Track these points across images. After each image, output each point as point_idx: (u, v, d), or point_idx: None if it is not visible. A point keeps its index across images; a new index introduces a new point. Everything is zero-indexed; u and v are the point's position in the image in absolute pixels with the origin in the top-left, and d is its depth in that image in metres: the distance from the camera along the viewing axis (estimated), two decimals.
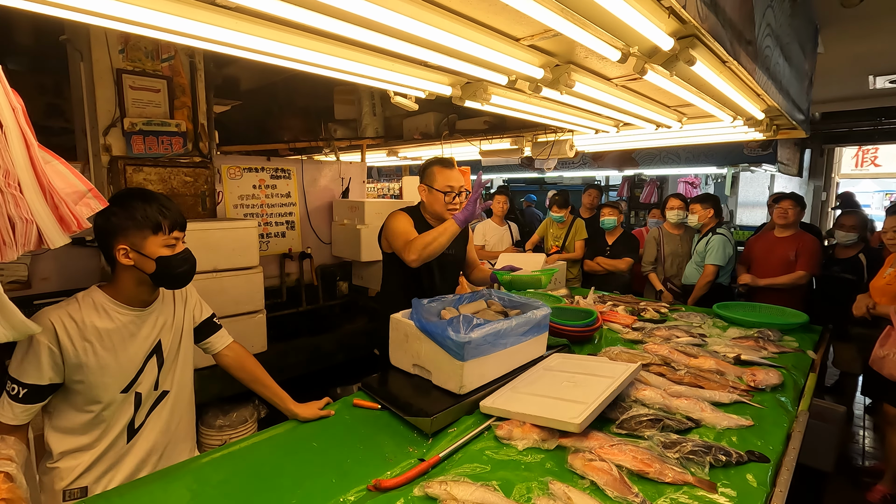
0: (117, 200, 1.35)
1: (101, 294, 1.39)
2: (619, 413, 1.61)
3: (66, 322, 1.31)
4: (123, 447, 1.46)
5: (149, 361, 1.45)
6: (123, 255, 1.33)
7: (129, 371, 1.41)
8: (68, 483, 1.40)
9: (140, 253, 1.33)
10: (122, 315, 1.40)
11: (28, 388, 1.28)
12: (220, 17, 1.26)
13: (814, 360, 2.28)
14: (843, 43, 3.61)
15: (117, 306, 1.39)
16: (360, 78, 1.76)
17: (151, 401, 1.50)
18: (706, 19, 1.32)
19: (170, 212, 1.37)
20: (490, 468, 1.34)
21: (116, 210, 1.32)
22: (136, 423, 1.47)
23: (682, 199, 4.04)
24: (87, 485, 1.42)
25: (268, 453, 1.45)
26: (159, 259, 1.35)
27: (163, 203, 1.37)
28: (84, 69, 2.47)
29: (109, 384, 1.38)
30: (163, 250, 1.35)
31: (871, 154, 8.76)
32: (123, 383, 1.41)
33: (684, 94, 2.07)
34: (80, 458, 1.40)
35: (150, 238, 1.34)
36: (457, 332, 1.63)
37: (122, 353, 1.39)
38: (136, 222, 1.32)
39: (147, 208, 1.33)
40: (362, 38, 1.36)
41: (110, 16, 1.17)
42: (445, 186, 2.19)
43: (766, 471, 1.35)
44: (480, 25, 1.36)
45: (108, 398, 1.39)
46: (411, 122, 4.43)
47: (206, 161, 2.81)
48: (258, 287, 2.68)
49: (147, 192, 1.39)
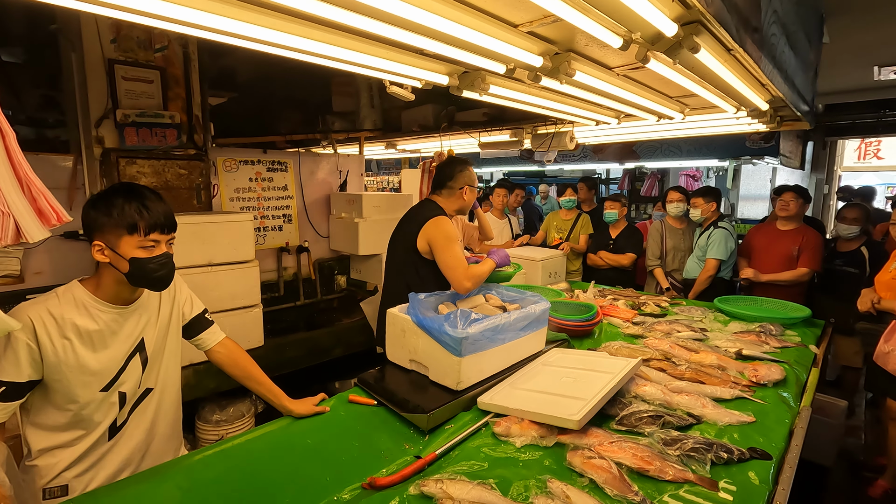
0: (103, 193, 1.31)
1: (81, 290, 1.34)
2: (619, 409, 1.58)
3: (46, 319, 1.27)
4: (105, 445, 1.42)
5: (131, 360, 1.41)
6: (98, 251, 1.29)
7: (109, 369, 1.36)
8: (48, 481, 1.36)
9: (114, 251, 1.28)
10: (102, 313, 1.35)
11: (6, 385, 1.23)
12: (211, 3, 1.23)
13: (816, 355, 2.25)
14: (849, 33, 3.56)
15: (98, 303, 1.34)
16: (355, 67, 1.72)
17: (134, 399, 1.45)
18: (711, 4, 1.27)
19: (150, 213, 1.30)
20: (487, 466, 1.32)
21: (98, 203, 1.28)
22: (118, 421, 1.43)
23: (682, 192, 3.99)
24: (68, 483, 1.38)
25: (261, 451, 1.43)
26: (132, 260, 1.28)
27: (146, 202, 1.30)
28: (75, 60, 2.42)
29: (89, 382, 1.33)
30: (137, 252, 1.29)
31: (874, 147, 8.70)
32: (103, 382, 1.36)
33: (687, 83, 2.02)
34: (59, 455, 1.36)
35: (124, 238, 1.28)
36: (454, 328, 1.60)
37: (102, 351, 1.35)
38: (111, 220, 1.26)
39: (126, 206, 1.27)
40: (356, 23, 1.31)
41: (101, 2, 1.13)
42: (477, 185, 2.49)
43: (768, 468, 1.32)
44: (477, 10, 1.32)
45: (87, 397, 1.34)
46: (410, 114, 4.37)
47: (200, 153, 2.77)
48: (254, 281, 2.65)
49: (133, 189, 1.32)
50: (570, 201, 4.59)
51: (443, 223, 2.25)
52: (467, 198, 2.43)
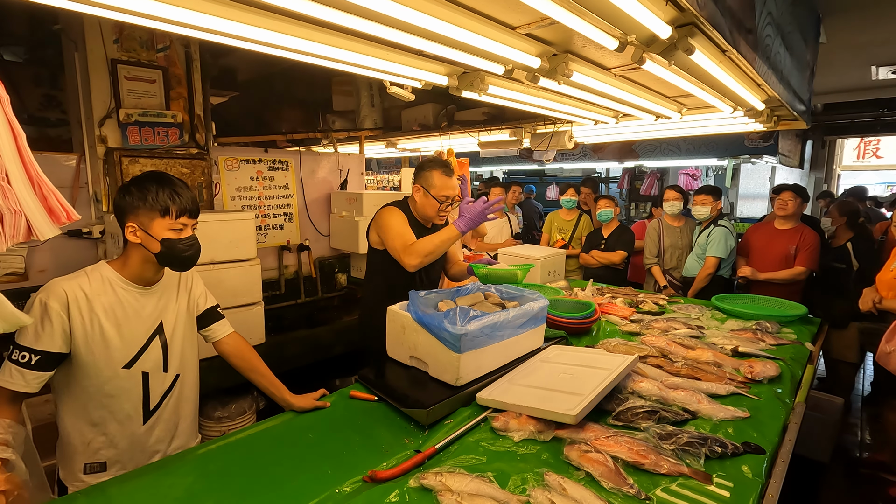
0: (136, 180, 1.43)
1: (108, 269, 1.45)
2: (615, 405, 1.61)
3: (77, 293, 1.37)
4: (141, 428, 1.52)
5: (152, 341, 1.50)
6: (131, 232, 1.40)
7: (132, 346, 1.46)
8: (87, 458, 1.47)
9: (147, 233, 1.40)
10: (126, 291, 1.45)
11: (41, 354, 1.32)
12: (212, 5, 1.25)
13: (811, 352, 2.28)
14: (846, 33, 3.57)
15: (123, 282, 1.45)
16: (354, 68, 1.74)
17: (166, 385, 1.55)
18: (704, 6, 1.29)
19: (181, 198, 1.43)
20: (486, 459, 1.34)
21: (132, 189, 1.40)
22: (150, 404, 1.52)
23: (679, 191, 4.01)
24: (106, 460, 1.49)
25: (264, 444, 1.45)
26: (164, 241, 1.41)
27: (176, 189, 1.43)
28: (78, 59, 2.45)
29: (112, 357, 1.43)
30: (168, 233, 1.41)
31: (873, 146, 8.72)
32: (126, 358, 1.45)
33: (683, 83, 2.05)
34: (90, 434, 1.46)
35: (157, 220, 1.40)
36: (453, 325, 1.62)
37: (125, 327, 1.44)
38: (146, 203, 1.39)
39: (160, 191, 1.39)
40: (356, 26, 1.34)
41: (104, 4, 1.16)
42: (442, 196, 2.17)
43: (761, 462, 1.35)
44: (475, 13, 1.34)
45: (110, 372, 1.43)
46: (410, 113, 4.40)
47: (202, 152, 2.79)
48: (256, 279, 2.68)
49: (164, 177, 1.44)
50: (571, 201, 4.61)
51: (385, 212, 2.18)
52: (417, 198, 2.22)
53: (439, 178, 2.16)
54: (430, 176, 2.17)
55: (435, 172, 2.17)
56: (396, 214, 2.17)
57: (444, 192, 2.17)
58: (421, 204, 2.22)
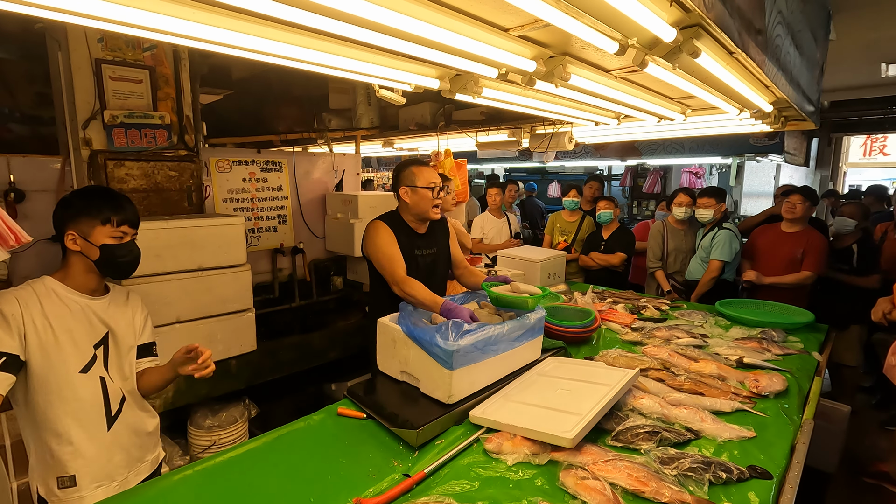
0: (78, 193, 1.49)
1: (52, 280, 1.48)
2: (615, 423, 1.54)
3: (28, 300, 1.40)
4: (105, 435, 1.52)
5: (102, 346, 1.52)
6: (71, 240, 1.44)
7: (85, 351, 1.48)
8: (57, 472, 1.46)
9: (86, 240, 1.45)
10: (73, 300, 1.48)
11: (5, 356, 1.33)
12: (200, 13, 1.19)
13: (819, 363, 2.20)
14: (856, 30, 3.48)
15: (68, 291, 1.48)
16: (339, 72, 1.66)
17: (120, 394, 1.56)
18: (712, 8, 1.21)
19: (123, 210, 1.49)
20: (478, 486, 1.28)
21: (75, 201, 1.46)
22: (112, 409, 1.53)
23: (690, 195, 3.88)
24: (75, 473, 1.48)
25: (245, 468, 1.38)
26: (103, 247, 1.45)
27: (119, 201, 1.50)
28: (62, 59, 2.37)
29: (68, 361, 1.44)
30: (108, 240, 1.46)
31: (880, 143, 8.60)
32: (81, 362, 1.47)
33: (688, 86, 1.96)
34: (57, 445, 1.45)
35: (98, 228, 1.45)
36: (445, 340, 1.55)
37: (76, 332, 1.47)
38: (88, 213, 1.44)
39: (102, 203, 1.46)
40: (341, 31, 1.26)
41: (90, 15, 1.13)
42: (430, 183, 2.21)
43: (768, 488, 1.28)
44: (465, 15, 1.26)
45: (67, 376, 1.44)
46: (407, 112, 4.31)
47: (192, 154, 2.72)
48: (246, 285, 2.60)
49: (109, 191, 1.53)
50: (573, 203, 4.51)
51: (371, 229, 2.21)
52: (408, 199, 2.21)
53: (419, 171, 2.23)
54: (410, 173, 2.22)
55: (413, 168, 2.23)
56: (382, 231, 2.18)
57: (430, 179, 2.22)
58: (413, 202, 2.23)
